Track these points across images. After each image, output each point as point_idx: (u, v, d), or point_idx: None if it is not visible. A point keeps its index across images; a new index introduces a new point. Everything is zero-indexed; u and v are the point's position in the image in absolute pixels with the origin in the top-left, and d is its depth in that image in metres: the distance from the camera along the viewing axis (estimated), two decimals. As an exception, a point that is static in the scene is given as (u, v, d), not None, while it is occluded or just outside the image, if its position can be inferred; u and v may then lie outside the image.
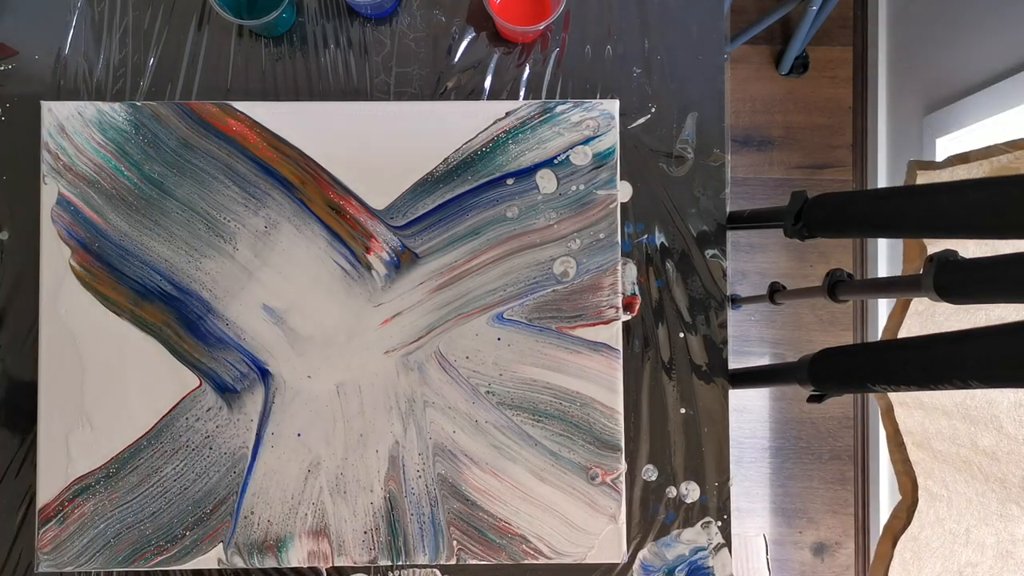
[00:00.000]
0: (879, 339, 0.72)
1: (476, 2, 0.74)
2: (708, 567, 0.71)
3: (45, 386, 0.69)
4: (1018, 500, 0.71)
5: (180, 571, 0.69)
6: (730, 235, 0.75)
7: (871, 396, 1.49)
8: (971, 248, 0.75)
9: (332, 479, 0.69)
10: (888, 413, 0.79)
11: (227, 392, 0.70)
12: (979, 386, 0.51)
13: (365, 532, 0.69)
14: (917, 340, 0.57)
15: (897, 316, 0.77)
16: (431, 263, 0.71)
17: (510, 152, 0.71)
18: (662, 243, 0.73)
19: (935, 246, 0.77)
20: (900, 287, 0.64)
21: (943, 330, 0.55)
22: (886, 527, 0.76)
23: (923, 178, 0.80)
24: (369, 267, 0.70)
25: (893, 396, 0.80)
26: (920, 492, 0.76)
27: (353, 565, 0.69)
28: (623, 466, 0.70)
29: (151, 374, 0.69)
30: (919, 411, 0.78)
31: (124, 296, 0.69)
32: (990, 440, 0.72)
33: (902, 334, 0.77)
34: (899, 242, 1.45)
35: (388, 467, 0.69)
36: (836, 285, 0.74)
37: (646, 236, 0.73)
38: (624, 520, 0.70)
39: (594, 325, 0.70)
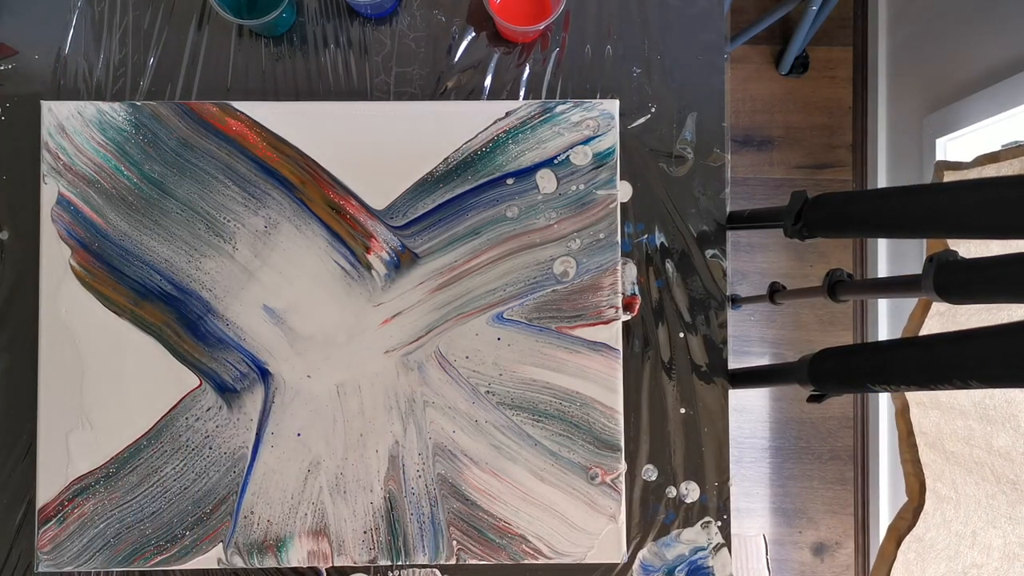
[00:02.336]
0: (895, 339, 0.71)
1: (476, 2, 0.74)
2: (708, 567, 0.71)
3: (45, 386, 0.69)
4: None
5: (180, 571, 0.69)
6: (730, 235, 0.75)
7: (878, 396, 1.49)
8: (994, 247, 0.75)
9: (332, 479, 0.69)
10: (903, 413, 0.79)
11: (227, 392, 0.70)
12: (979, 386, 0.51)
13: (365, 532, 0.69)
14: (917, 340, 0.57)
15: (918, 317, 0.77)
16: (431, 263, 0.71)
17: (510, 152, 0.71)
18: (662, 243, 0.73)
19: (958, 245, 0.77)
20: (900, 287, 0.64)
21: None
22: (890, 527, 0.76)
23: (951, 178, 0.80)
24: (369, 267, 0.70)
25: (910, 396, 0.79)
26: (928, 494, 0.76)
27: (353, 565, 0.69)
28: (623, 466, 0.70)
29: (151, 374, 0.69)
30: (936, 411, 0.78)
31: (124, 296, 0.69)
32: (1006, 440, 0.72)
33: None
34: (899, 242, 1.45)
35: (388, 467, 0.69)
36: (836, 285, 0.74)
37: (646, 236, 0.73)
38: (624, 520, 0.70)
39: (594, 325, 0.70)
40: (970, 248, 0.81)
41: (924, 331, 0.78)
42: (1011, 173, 0.78)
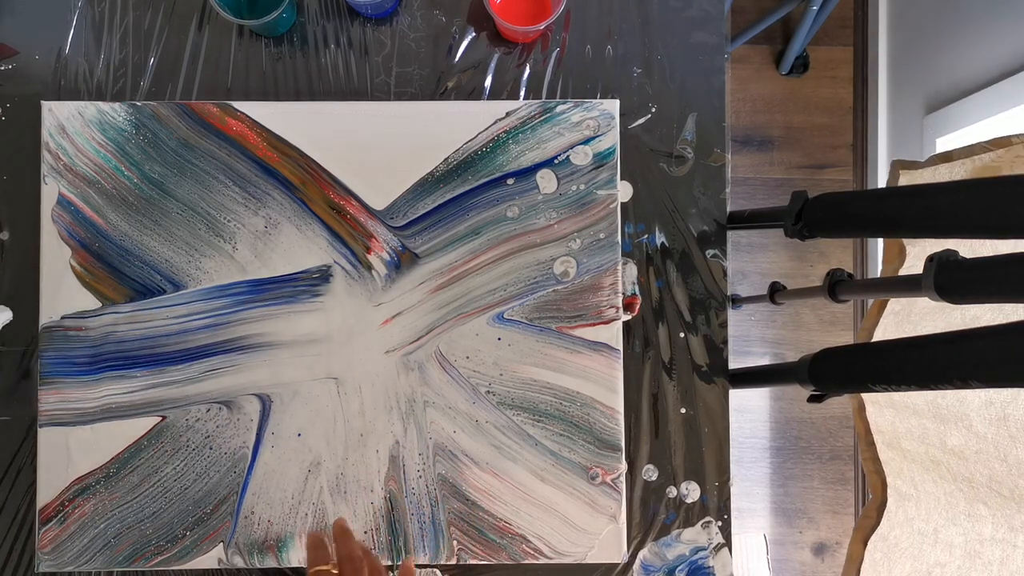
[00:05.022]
0: (867, 341, 0.72)
1: (476, 2, 0.74)
2: (708, 567, 0.71)
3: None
4: (985, 500, 0.71)
5: (180, 571, 0.69)
6: (730, 235, 0.75)
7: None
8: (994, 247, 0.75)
9: (332, 479, 0.69)
10: (860, 412, 0.79)
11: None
12: (979, 386, 0.51)
13: (365, 532, 0.69)
14: (917, 340, 0.57)
15: (873, 316, 0.77)
16: (431, 263, 0.71)
17: (510, 152, 0.71)
18: (662, 243, 0.73)
19: (916, 246, 0.77)
20: (900, 287, 0.64)
21: (919, 330, 0.55)
22: (856, 527, 0.76)
23: (906, 178, 0.80)
24: (369, 267, 0.71)
25: (866, 395, 0.79)
26: (889, 491, 0.76)
27: (353, 565, 0.69)
28: (623, 466, 0.70)
29: (151, 374, 0.69)
30: (890, 410, 0.78)
31: (124, 296, 0.69)
32: (959, 439, 0.72)
33: (878, 335, 0.77)
34: (899, 242, 1.45)
35: (388, 467, 0.69)
36: (836, 285, 0.74)
37: (646, 236, 0.73)
38: (624, 520, 0.70)
39: (594, 325, 0.70)
40: (970, 248, 0.81)
41: (879, 332, 0.78)
42: (963, 173, 0.78)
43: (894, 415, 0.78)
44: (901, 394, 0.76)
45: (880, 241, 1.50)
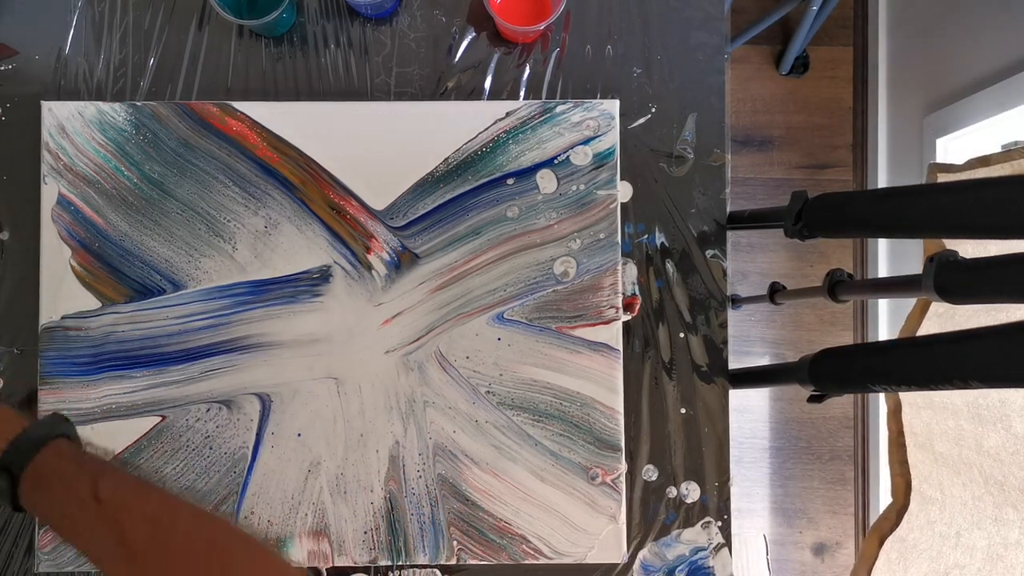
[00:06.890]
0: (895, 339, 0.71)
1: (476, 2, 0.74)
2: (708, 567, 0.71)
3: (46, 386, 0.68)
4: (1016, 504, 0.71)
5: (180, 571, 0.69)
6: (730, 235, 0.75)
7: (878, 396, 1.49)
8: (993, 248, 0.75)
9: (332, 479, 0.69)
10: (895, 413, 0.79)
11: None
12: (979, 386, 0.51)
13: (365, 532, 0.69)
14: (918, 340, 0.57)
15: (916, 318, 0.77)
16: (431, 263, 0.71)
17: (510, 152, 0.71)
18: (662, 243, 0.73)
19: (957, 245, 0.77)
20: (900, 287, 0.64)
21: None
22: (873, 527, 0.76)
23: (944, 180, 0.80)
24: (369, 267, 0.70)
25: (904, 396, 0.79)
26: (914, 495, 0.76)
27: (353, 565, 0.69)
28: (623, 466, 0.70)
29: (151, 374, 0.69)
30: (928, 411, 0.78)
31: (124, 296, 0.69)
32: (996, 440, 0.72)
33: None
34: (899, 242, 1.45)
35: (388, 467, 0.69)
36: (836, 285, 0.74)
37: (646, 236, 0.73)
38: (624, 520, 0.70)
39: (594, 325, 0.70)
40: (967, 248, 0.81)
41: (922, 332, 0.78)
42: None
43: (931, 416, 0.78)
44: (941, 394, 0.76)
45: (880, 242, 1.50)
